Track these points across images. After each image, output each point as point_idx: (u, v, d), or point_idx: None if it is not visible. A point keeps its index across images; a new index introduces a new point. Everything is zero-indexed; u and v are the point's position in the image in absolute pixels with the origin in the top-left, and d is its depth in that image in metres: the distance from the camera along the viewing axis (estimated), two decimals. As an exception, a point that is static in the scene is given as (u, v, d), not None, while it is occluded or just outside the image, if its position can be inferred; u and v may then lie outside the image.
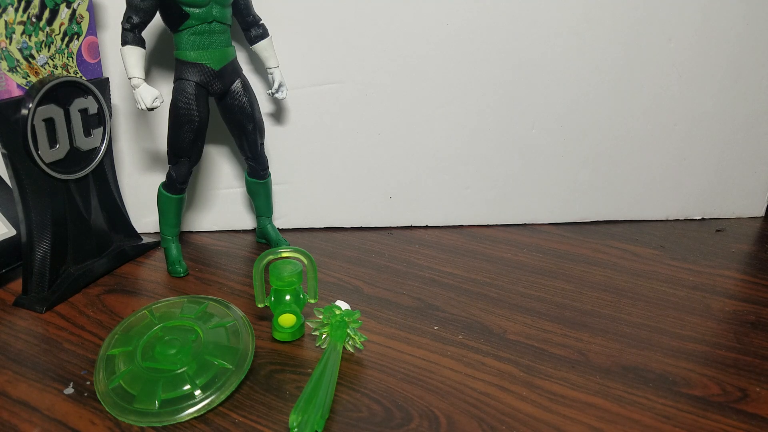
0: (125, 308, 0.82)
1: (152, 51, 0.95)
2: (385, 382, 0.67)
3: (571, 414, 0.62)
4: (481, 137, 1.04)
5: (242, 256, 0.99)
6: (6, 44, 0.76)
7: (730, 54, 1.02)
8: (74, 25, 0.84)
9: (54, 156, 0.82)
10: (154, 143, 1.01)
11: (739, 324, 0.79)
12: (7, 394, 0.65)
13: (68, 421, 0.61)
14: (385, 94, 1.00)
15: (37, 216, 0.82)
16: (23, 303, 0.82)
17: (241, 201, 1.07)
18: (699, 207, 1.13)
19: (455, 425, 0.61)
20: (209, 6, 0.79)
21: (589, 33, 0.98)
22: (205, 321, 0.71)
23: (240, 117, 0.88)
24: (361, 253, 0.99)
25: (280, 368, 0.69)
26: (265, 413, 0.62)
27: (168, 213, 0.91)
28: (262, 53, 0.90)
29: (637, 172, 1.09)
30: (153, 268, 0.94)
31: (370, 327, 0.78)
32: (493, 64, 0.99)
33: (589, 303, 0.84)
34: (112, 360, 0.66)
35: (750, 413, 0.63)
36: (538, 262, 0.96)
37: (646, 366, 0.70)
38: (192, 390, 0.62)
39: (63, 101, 0.82)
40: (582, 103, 1.03)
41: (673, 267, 0.95)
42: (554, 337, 0.75)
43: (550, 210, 1.10)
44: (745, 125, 1.07)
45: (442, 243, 1.03)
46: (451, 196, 1.08)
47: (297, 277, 0.72)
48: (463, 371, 0.69)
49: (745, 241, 1.05)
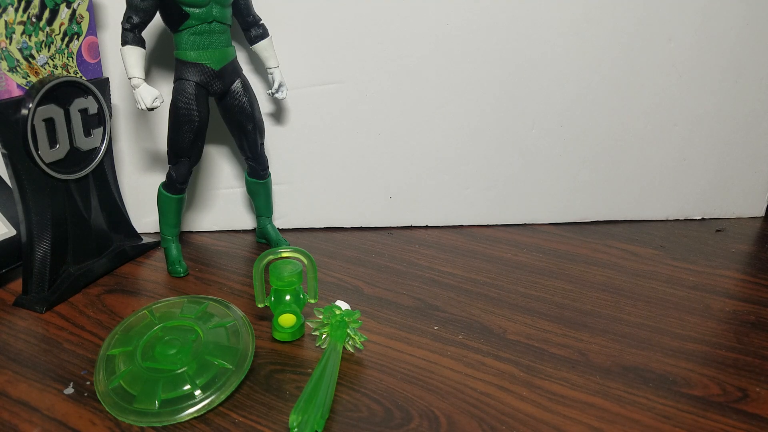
0: (125, 308, 0.82)
1: (152, 51, 0.95)
2: (385, 382, 0.67)
3: (571, 414, 0.62)
4: (481, 137, 1.04)
5: (242, 256, 0.99)
6: (6, 44, 0.76)
7: (730, 54, 1.02)
8: (74, 25, 0.84)
9: (54, 156, 0.82)
10: (154, 143, 1.01)
11: (739, 324, 0.79)
12: (7, 394, 0.65)
13: (68, 421, 0.61)
14: (385, 94, 1.00)
15: (37, 216, 0.82)
16: (23, 303, 0.82)
17: (241, 201, 1.07)
18: (699, 207, 1.13)
19: (455, 425, 0.61)
20: (209, 6, 0.79)
21: (589, 33, 0.98)
22: (205, 321, 0.71)
23: (240, 117, 0.88)
24: (361, 253, 0.99)
25: (280, 368, 0.69)
26: (265, 413, 0.62)
27: (168, 213, 0.91)
28: (262, 53, 0.90)
29: (637, 172, 1.09)
30: (153, 268, 0.94)
31: (370, 327, 0.78)
32: (493, 64, 0.99)
33: (589, 303, 0.84)
34: (112, 360, 0.66)
35: (750, 413, 0.63)
36: (538, 262, 0.96)
37: (646, 366, 0.70)
38: (192, 390, 0.62)
39: (63, 101, 0.82)
40: (582, 103, 1.03)
41: (673, 267, 0.95)
42: (554, 337, 0.75)
43: (550, 210, 1.10)
44: (745, 125, 1.07)
45: (442, 243, 1.03)
46: (451, 196, 1.08)
47: (297, 277, 0.72)
48: (463, 371, 0.69)
49: (745, 241, 1.05)
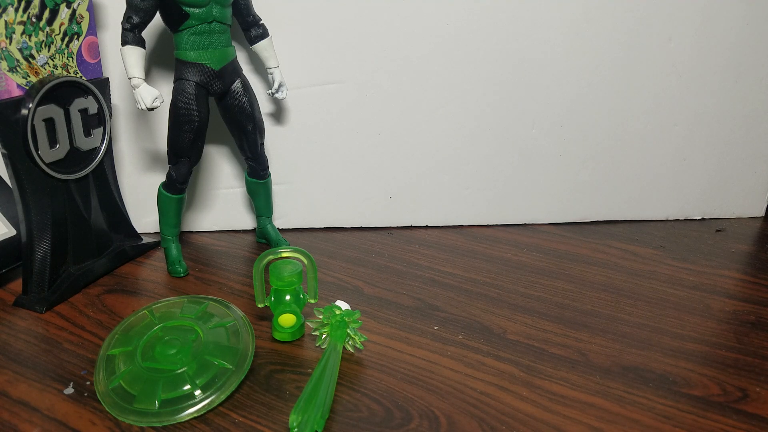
0: (125, 308, 0.82)
1: (152, 51, 0.95)
2: (385, 382, 0.67)
3: (571, 414, 0.62)
4: (481, 137, 1.04)
5: (242, 256, 0.99)
6: (6, 44, 0.76)
7: (730, 54, 1.02)
8: (74, 25, 0.84)
9: (54, 156, 0.82)
10: (154, 143, 1.01)
11: (739, 324, 0.79)
12: (7, 394, 0.65)
13: (68, 421, 0.61)
14: (385, 94, 1.00)
15: (37, 216, 0.82)
16: (23, 303, 0.82)
17: (241, 201, 1.07)
18: (699, 207, 1.13)
19: (455, 425, 0.61)
20: (209, 6, 0.79)
21: (589, 33, 0.98)
22: (205, 321, 0.71)
23: (240, 117, 0.88)
24: (361, 253, 0.99)
25: (280, 368, 0.69)
26: (265, 413, 0.62)
27: (168, 213, 0.91)
28: (262, 53, 0.90)
29: (637, 172, 1.09)
30: (153, 268, 0.94)
31: (370, 327, 0.78)
32: (493, 64, 0.99)
33: (589, 303, 0.84)
34: (112, 360, 0.66)
35: (750, 413, 0.63)
36: (538, 262, 0.96)
37: (646, 366, 0.70)
38: (192, 390, 0.62)
39: (63, 101, 0.82)
40: (582, 103, 1.03)
41: (673, 267, 0.95)
42: (554, 337, 0.75)
43: (550, 210, 1.10)
44: (745, 125, 1.07)
45: (442, 243, 1.03)
46: (451, 196, 1.08)
47: (297, 277, 0.72)
48: (463, 371, 0.69)
49: (745, 241, 1.05)
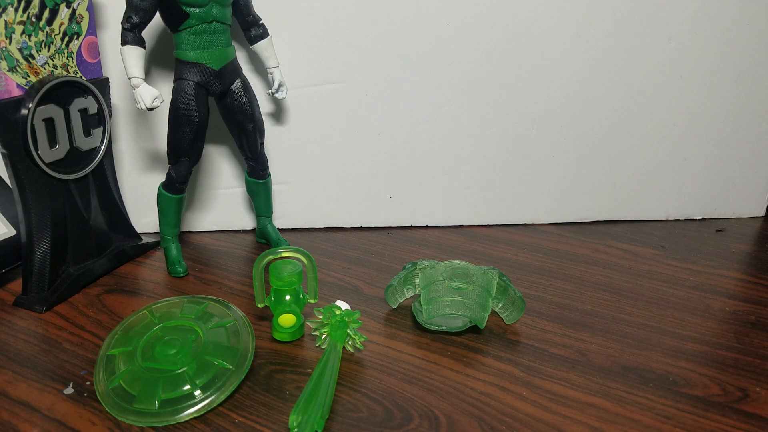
0: (125, 308, 0.82)
1: (152, 51, 0.95)
2: (385, 382, 0.67)
3: (571, 414, 0.62)
4: (481, 137, 1.04)
5: (242, 256, 0.99)
6: (6, 44, 0.76)
7: (730, 54, 1.02)
8: (74, 25, 0.83)
9: (54, 156, 0.82)
10: (154, 143, 1.01)
11: (739, 324, 0.79)
12: (7, 394, 0.65)
13: (68, 421, 0.61)
14: (385, 94, 1.00)
15: (37, 216, 0.82)
16: (23, 303, 0.82)
17: (241, 201, 1.07)
18: (699, 207, 1.13)
19: (455, 425, 0.60)
20: (209, 6, 0.79)
21: (589, 33, 0.98)
22: (205, 321, 0.70)
23: (240, 117, 0.88)
24: (361, 253, 0.99)
25: (280, 368, 0.69)
26: (265, 413, 0.62)
27: (168, 213, 0.91)
28: (261, 53, 0.90)
29: (637, 172, 1.09)
30: (153, 268, 0.94)
31: (370, 327, 0.78)
32: (493, 64, 0.99)
33: (589, 303, 0.84)
34: (112, 360, 0.66)
35: (750, 413, 0.63)
36: (538, 262, 0.96)
37: (647, 366, 0.70)
38: (192, 390, 0.62)
39: (63, 101, 0.82)
40: (582, 103, 1.03)
41: (673, 267, 0.95)
42: (554, 337, 0.75)
43: (550, 210, 1.10)
44: (745, 125, 1.07)
45: (442, 243, 1.03)
46: (451, 196, 1.08)
47: (297, 277, 0.72)
48: (463, 371, 0.69)
49: (745, 241, 1.05)
